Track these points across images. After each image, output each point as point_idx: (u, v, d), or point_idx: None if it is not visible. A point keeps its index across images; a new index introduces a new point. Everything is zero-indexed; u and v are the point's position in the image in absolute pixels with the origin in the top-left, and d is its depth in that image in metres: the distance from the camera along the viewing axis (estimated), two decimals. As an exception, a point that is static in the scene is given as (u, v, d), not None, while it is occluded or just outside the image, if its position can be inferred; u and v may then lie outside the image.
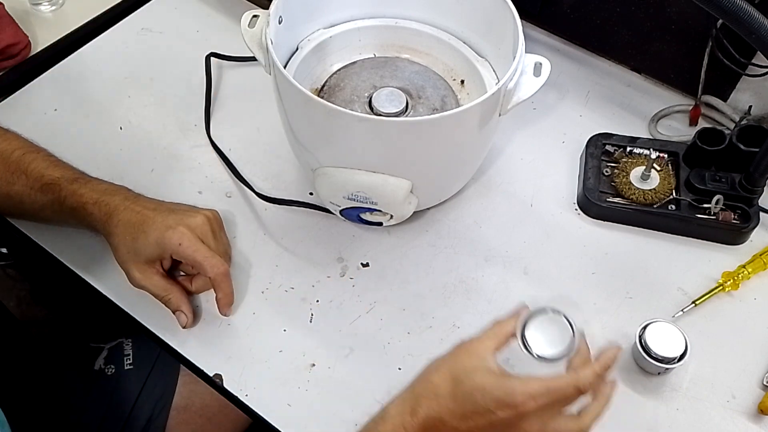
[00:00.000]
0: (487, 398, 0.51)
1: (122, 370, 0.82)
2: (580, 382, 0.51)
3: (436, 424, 0.53)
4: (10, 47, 0.86)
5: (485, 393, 0.51)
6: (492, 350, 0.54)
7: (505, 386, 0.51)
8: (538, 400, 0.50)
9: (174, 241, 0.64)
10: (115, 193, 0.68)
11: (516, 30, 0.66)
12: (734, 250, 0.75)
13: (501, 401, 0.51)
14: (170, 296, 0.66)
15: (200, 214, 0.68)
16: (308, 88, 0.75)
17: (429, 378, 0.55)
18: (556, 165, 0.82)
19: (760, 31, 0.58)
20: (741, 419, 0.64)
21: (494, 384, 0.51)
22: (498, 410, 0.51)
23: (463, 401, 0.52)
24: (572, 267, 0.74)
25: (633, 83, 0.91)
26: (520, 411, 0.50)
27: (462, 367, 0.53)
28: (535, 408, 0.50)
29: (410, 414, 0.53)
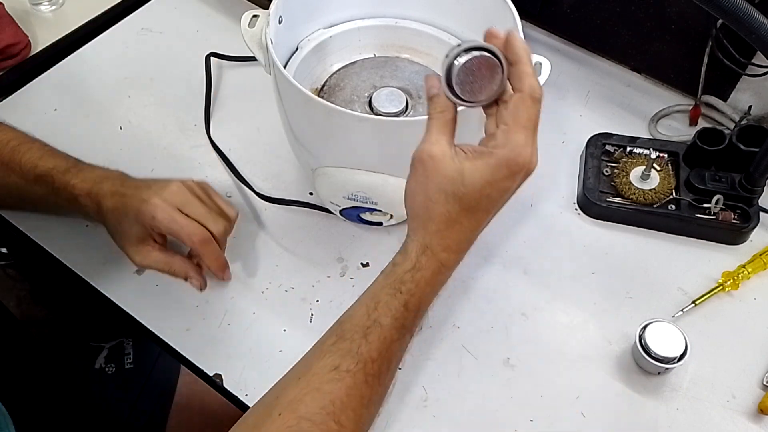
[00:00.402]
0: (497, 184, 0.50)
1: (123, 370, 0.82)
2: (537, 90, 0.50)
3: (469, 238, 0.53)
4: (10, 47, 0.86)
5: (488, 182, 0.50)
6: (451, 144, 0.52)
7: (497, 160, 0.50)
8: (531, 139, 0.50)
9: (148, 215, 0.62)
10: (104, 181, 0.66)
11: (516, 30, 0.66)
12: (734, 250, 0.75)
13: (508, 174, 0.50)
14: (173, 267, 0.66)
15: (174, 182, 0.65)
16: (308, 88, 0.75)
17: (436, 210, 0.52)
18: (556, 165, 0.82)
19: (760, 31, 0.58)
20: (741, 419, 0.64)
21: (489, 166, 0.50)
22: (512, 182, 0.50)
23: (477, 208, 0.51)
24: (572, 267, 0.74)
25: (633, 83, 0.91)
26: (531, 162, 0.50)
27: (449, 180, 0.50)
28: (534, 150, 0.50)
29: (443, 250, 0.52)
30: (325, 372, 0.50)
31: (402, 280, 0.53)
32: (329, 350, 0.52)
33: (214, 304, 0.70)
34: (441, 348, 0.68)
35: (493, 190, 0.50)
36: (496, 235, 0.76)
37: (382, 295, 0.53)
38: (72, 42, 0.91)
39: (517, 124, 0.49)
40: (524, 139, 0.49)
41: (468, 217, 0.51)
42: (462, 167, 0.50)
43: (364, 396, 0.51)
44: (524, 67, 0.50)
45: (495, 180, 0.50)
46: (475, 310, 0.70)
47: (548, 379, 0.66)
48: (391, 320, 0.52)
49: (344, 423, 0.49)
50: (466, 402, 0.64)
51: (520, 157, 0.49)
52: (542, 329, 0.69)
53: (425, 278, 0.52)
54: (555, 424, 0.63)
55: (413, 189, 0.53)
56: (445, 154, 0.50)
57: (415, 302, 0.53)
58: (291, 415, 0.49)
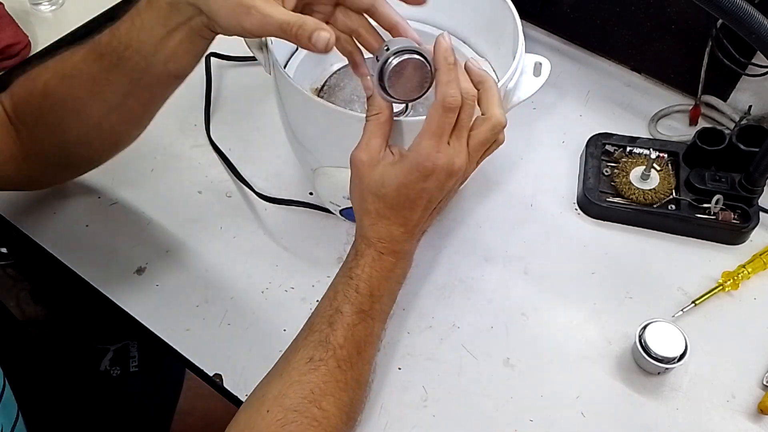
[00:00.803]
0: (410, 186, 0.55)
1: (128, 372, 0.82)
2: (447, 99, 0.53)
3: (401, 232, 0.57)
4: (10, 47, 0.86)
5: (403, 184, 0.55)
6: (381, 147, 0.56)
7: (409, 164, 0.54)
8: (440, 144, 0.53)
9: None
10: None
11: (516, 30, 0.66)
12: (734, 250, 0.75)
13: (419, 176, 0.54)
14: (304, 18, 0.51)
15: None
16: (308, 88, 0.75)
17: (363, 207, 0.58)
18: (556, 165, 0.82)
19: (760, 31, 0.58)
20: (741, 419, 0.64)
21: (402, 170, 0.55)
22: (425, 183, 0.55)
23: (399, 203, 0.56)
24: (572, 267, 0.74)
25: (633, 83, 0.91)
26: (437, 166, 0.54)
27: (373, 183, 0.56)
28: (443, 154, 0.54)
29: (378, 240, 0.58)
30: (301, 364, 0.55)
31: (351, 268, 0.59)
32: (302, 344, 0.57)
33: (214, 304, 0.70)
34: (441, 348, 0.68)
35: (409, 191, 0.55)
36: (496, 235, 0.76)
37: (338, 285, 0.59)
38: (72, 42, 0.91)
39: (426, 131, 0.54)
40: (431, 144, 0.53)
41: (393, 213, 0.57)
42: (383, 171, 0.56)
43: (339, 380, 0.55)
44: (441, 75, 0.54)
45: (408, 182, 0.55)
46: (475, 310, 0.70)
47: (548, 379, 0.66)
48: (348, 306, 0.57)
49: (326, 407, 0.54)
50: (466, 402, 0.64)
51: (428, 161, 0.53)
52: (542, 329, 0.69)
53: (368, 264, 0.58)
54: (555, 424, 0.63)
55: (352, 189, 0.59)
56: (372, 159, 0.56)
57: (365, 286, 0.57)
58: (278, 409, 0.53)
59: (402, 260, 0.59)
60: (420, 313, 0.70)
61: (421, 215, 0.57)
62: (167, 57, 0.58)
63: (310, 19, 0.51)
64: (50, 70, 0.63)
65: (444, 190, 0.56)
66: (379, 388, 0.65)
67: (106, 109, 0.62)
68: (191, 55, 0.59)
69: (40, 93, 0.63)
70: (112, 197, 0.77)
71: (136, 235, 0.74)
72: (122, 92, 0.61)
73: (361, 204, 0.58)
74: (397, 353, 0.67)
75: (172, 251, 0.73)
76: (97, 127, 0.64)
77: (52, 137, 0.65)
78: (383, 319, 0.60)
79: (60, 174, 0.73)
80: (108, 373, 0.81)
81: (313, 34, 0.51)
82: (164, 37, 0.56)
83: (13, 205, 0.76)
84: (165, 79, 0.61)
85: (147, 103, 0.64)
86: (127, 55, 0.58)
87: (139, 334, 0.68)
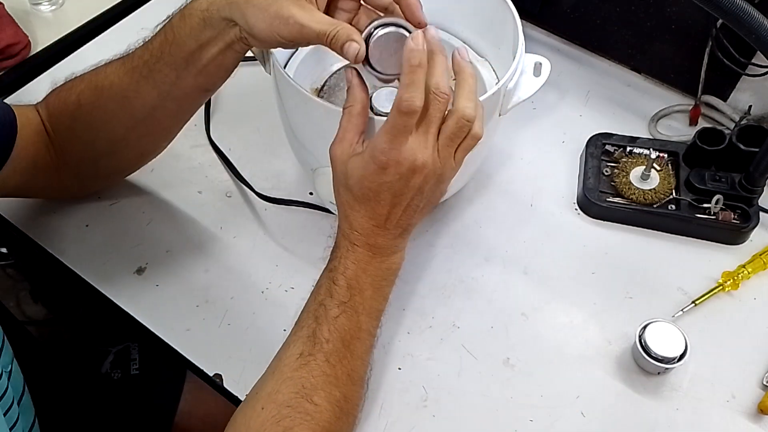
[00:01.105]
0: (370, 178, 0.54)
1: (129, 375, 0.82)
2: (402, 103, 0.51)
3: (371, 224, 0.57)
4: (10, 47, 0.86)
5: (364, 176, 0.55)
6: (353, 140, 0.56)
7: (367, 157, 0.54)
8: (395, 142, 0.53)
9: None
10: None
11: (516, 30, 0.66)
12: (734, 250, 0.75)
13: (376, 169, 0.54)
14: (338, 27, 0.53)
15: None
16: (308, 88, 0.75)
17: (338, 200, 0.58)
18: (556, 165, 0.82)
19: (760, 31, 0.58)
20: (741, 419, 0.64)
21: (363, 163, 0.54)
22: (383, 177, 0.54)
23: (363, 195, 0.56)
24: (572, 267, 0.74)
25: (633, 83, 0.91)
26: (390, 159, 0.53)
27: (342, 176, 0.57)
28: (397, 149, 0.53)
29: (350, 231, 0.58)
30: (292, 360, 0.56)
31: (330, 260, 0.59)
32: (293, 340, 0.57)
33: (214, 304, 0.70)
34: (441, 348, 0.68)
35: (371, 183, 0.55)
36: (496, 235, 0.76)
37: (321, 279, 0.59)
38: (72, 42, 0.91)
39: (383, 127, 0.53)
40: (385, 139, 0.53)
41: (360, 205, 0.56)
42: (350, 163, 0.56)
43: (329, 375, 0.55)
44: (402, 77, 0.52)
45: (367, 174, 0.54)
46: (475, 310, 0.70)
47: (548, 379, 0.66)
48: (329, 299, 0.57)
49: (318, 402, 0.54)
50: (466, 402, 0.64)
51: (381, 155, 0.53)
52: (542, 329, 0.69)
53: (343, 255, 0.58)
54: (555, 424, 0.63)
55: (332, 181, 0.59)
56: (343, 153, 0.56)
57: (342, 278, 0.57)
58: (272, 405, 0.54)
59: (379, 255, 0.58)
60: (420, 313, 0.70)
61: (390, 210, 0.56)
62: (198, 71, 0.59)
63: (343, 29, 0.53)
64: (85, 81, 0.64)
65: (412, 186, 0.55)
66: (379, 388, 0.65)
67: (133, 121, 0.63)
68: (222, 70, 0.60)
69: (74, 103, 0.64)
70: (112, 197, 0.77)
71: (136, 235, 0.74)
72: (151, 105, 0.62)
73: (336, 196, 0.59)
74: (397, 353, 0.67)
75: (172, 251, 0.73)
76: (124, 139, 0.65)
77: (83, 147, 0.66)
78: (372, 314, 0.59)
79: (90, 184, 0.74)
80: (109, 376, 0.81)
81: (345, 45, 0.53)
82: (196, 51, 0.57)
83: (13, 205, 0.75)
84: (194, 93, 0.62)
85: (174, 116, 0.65)
86: (158, 67, 0.59)
87: (140, 335, 0.68)
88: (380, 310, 0.61)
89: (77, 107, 0.64)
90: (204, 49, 0.57)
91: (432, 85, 0.53)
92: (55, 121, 0.66)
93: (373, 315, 0.60)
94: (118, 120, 0.63)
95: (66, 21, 0.93)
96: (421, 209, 0.58)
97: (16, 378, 0.57)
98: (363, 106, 0.56)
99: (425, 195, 0.56)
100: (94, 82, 0.63)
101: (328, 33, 0.53)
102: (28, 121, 0.65)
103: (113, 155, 0.68)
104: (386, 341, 0.68)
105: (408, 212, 0.57)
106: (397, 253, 0.60)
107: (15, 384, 0.57)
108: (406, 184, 0.54)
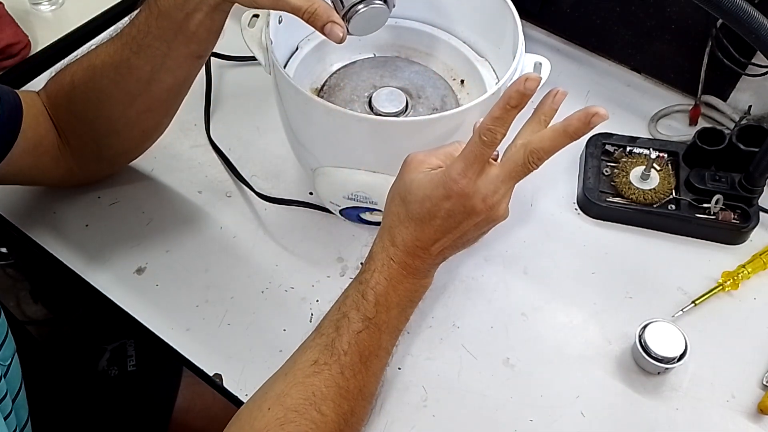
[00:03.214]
0: (433, 200, 0.53)
1: (125, 372, 0.82)
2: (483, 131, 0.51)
3: (416, 245, 0.56)
4: (10, 47, 0.86)
5: (427, 196, 0.54)
6: (432, 165, 0.55)
7: (438, 179, 0.53)
8: (469, 171, 0.52)
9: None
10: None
11: (516, 30, 0.66)
12: (734, 250, 0.75)
13: (443, 194, 0.53)
14: (315, 6, 0.54)
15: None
16: (308, 88, 0.75)
17: (389, 209, 0.57)
18: (556, 165, 0.82)
19: (760, 31, 0.58)
20: (741, 419, 0.64)
21: (430, 184, 0.53)
22: (448, 204, 0.53)
23: (419, 215, 0.54)
24: (572, 267, 0.74)
25: (633, 83, 0.91)
26: (466, 192, 0.52)
27: (404, 186, 0.55)
28: (470, 180, 0.52)
29: (391, 245, 0.56)
30: (306, 366, 0.55)
31: (362, 272, 0.58)
32: (309, 346, 0.56)
33: (214, 304, 0.70)
34: (441, 348, 0.68)
35: (431, 206, 0.54)
36: (496, 235, 0.76)
37: (350, 289, 0.58)
38: (72, 42, 0.91)
39: (462, 155, 0.52)
40: (461, 167, 0.52)
41: (413, 223, 0.55)
42: (416, 178, 0.55)
43: (341, 387, 0.54)
44: (494, 108, 0.51)
45: (432, 195, 0.53)
46: (475, 310, 0.70)
47: (548, 379, 0.66)
48: (355, 312, 0.56)
49: (325, 412, 0.53)
50: (466, 402, 0.64)
51: (453, 183, 0.52)
52: (542, 329, 0.69)
53: (378, 269, 0.57)
54: (555, 424, 0.63)
55: (391, 185, 0.58)
56: (421, 162, 0.55)
57: (372, 293, 0.56)
58: (279, 407, 0.53)
59: (413, 277, 0.58)
60: (420, 313, 0.70)
61: (440, 235, 0.55)
62: (188, 38, 0.59)
63: (321, 8, 0.53)
64: (78, 63, 0.65)
65: (471, 221, 0.54)
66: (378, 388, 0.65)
67: (129, 97, 0.63)
68: (212, 33, 0.60)
69: (69, 84, 0.65)
70: (112, 197, 0.77)
71: (136, 235, 0.74)
72: (145, 79, 0.62)
73: (389, 204, 0.57)
74: (397, 353, 0.67)
75: (172, 251, 0.73)
76: (123, 117, 0.65)
77: (83, 128, 0.66)
78: (393, 333, 0.59)
79: (96, 168, 0.74)
80: (106, 373, 0.81)
81: (326, 26, 0.53)
82: (183, 20, 0.57)
83: (13, 205, 0.76)
84: (187, 61, 0.62)
85: (170, 88, 0.65)
86: (147, 41, 0.59)
87: (136, 332, 0.68)
88: (401, 330, 0.60)
89: (72, 88, 0.64)
90: (191, 17, 0.57)
91: (532, 146, 0.52)
92: (53, 103, 0.66)
93: (394, 334, 0.59)
94: (114, 98, 0.63)
95: (66, 21, 0.93)
96: (466, 244, 0.58)
97: (13, 373, 0.57)
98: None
99: (476, 235, 0.56)
100: (86, 63, 0.64)
101: (303, 9, 0.53)
102: (33, 103, 0.66)
103: (114, 135, 0.67)
104: (386, 341, 0.68)
105: (456, 244, 0.56)
106: (428, 278, 0.60)
107: (12, 380, 0.57)
108: (466, 217, 0.54)
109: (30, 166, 0.66)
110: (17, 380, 0.58)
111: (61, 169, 0.70)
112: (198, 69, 0.65)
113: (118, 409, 0.80)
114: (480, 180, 0.53)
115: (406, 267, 0.57)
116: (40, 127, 0.66)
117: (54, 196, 0.76)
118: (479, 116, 0.64)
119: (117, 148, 0.71)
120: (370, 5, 0.56)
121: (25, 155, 0.64)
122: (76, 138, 0.67)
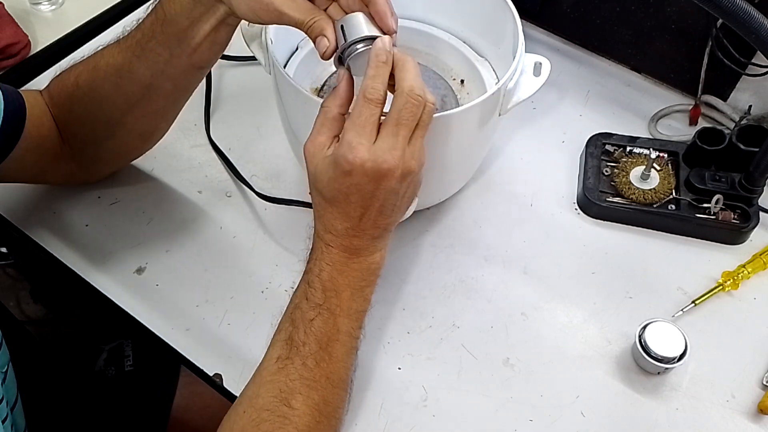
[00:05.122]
0: (338, 180, 0.53)
1: (123, 372, 0.82)
2: (368, 90, 0.51)
3: (345, 226, 0.55)
4: (10, 47, 0.86)
5: (332, 178, 0.53)
6: (325, 145, 0.54)
7: (334, 158, 0.52)
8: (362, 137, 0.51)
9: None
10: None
11: (516, 30, 0.66)
12: (734, 250, 0.75)
13: (343, 172, 0.52)
14: (315, 18, 0.54)
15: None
16: (308, 88, 0.75)
17: (313, 201, 0.57)
18: (556, 165, 0.82)
19: (760, 31, 0.58)
20: (741, 419, 0.64)
21: (330, 165, 0.53)
22: (352, 179, 0.52)
23: (333, 198, 0.54)
24: (572, 267, 0.74)
25: (633, 83, 0.91)
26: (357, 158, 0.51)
27: (312, 176, 0.55)
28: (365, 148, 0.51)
29: (325, 232, 0.56)
30: (270, 364, 0.56)
31: (307, 262, 0.58)
32: (273, 344, 0.57)
33: (214, 304, 0.70)
34: (441, 348, 0.68)
35: (339, 185, 0.53)
36: (496, 235, 0.76)
37: (299, 282, 0.59)
38: (72, 42, 0.91)
39: (350, 122, 0.52)
40: (353, 137, 0.51)
41: (332, 207, 0.55)
42: (319, 165, 0.54)
43: (306, 378, 0.55)
44: (368, 70, 0.52)
45: (336, 176, 0.53)
46: (474, 310, 0.70)
47: (548, 379, 0.66)
48: (305, 301, 0.56)
49: (295, 406, 0.54)
50: (466, 402, 0.64)
51: (350, 155, 0.51)
52: (542, 329, 0.69)
53: (318, 257, 0.57)
54: (555, 424, 0.63)
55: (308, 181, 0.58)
56: (315, 152, 0.54)
57: (316, 279, 0.56)
58: (252, 409, 0.54)
59: (357, 256, 0.57)
60: (420, 313, 0.70)
61: (362, 209, 0.54)
62: (192, 48, 0.59)
63: (319, 21, 0.54)
64: (84, 64, 0.65)
65: (383, 188, 0.53)
66: (378, 388, 0.65)
67: (128, 103, 0.63)
68: (216, 46, 0.60)
69: (73, 84, 0.65)
70: (112, 197, 0.77)
71: (136, 235, 0.74)
72: (145, 85, 0.62)
73: (312, 197, 0.57)
74: (398, 353, 0.67)
75: (172, 251, 0.73)
76: (120, 122, 0.65)
77: (83, 130, 0.67)
78: (351, 316, 0.58)
79: (95, 168, 0.74)
80: (104, 373, 0.81)
81: (317, 38, 0.54)
82: (188, 28, 0.58)
83: (13, 205, 0.76)
84: (188, 71, 0.62)
85: (169, 96, 0.65)
86: (150, 46, 0.59)
87: (133, 331, 0.68)
88: (361, 311, 0.59)
89: (75, 88, 0.65)
90: (196, 26, 0.58)
91: (406, 87, 0.51)
92: (56, 103, 0.67)
93: (353, 316, 0.58)
94: (114, 102, 0.64)
95: (66, 21, 0.93)
96: (399, 207, 0.56)
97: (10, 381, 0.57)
98: (342, 108, 0.55)
99: (401, 194, 0.55)
100: (91, 64, 0.64)
101: (305, 22, 0.54)
102: (35, 102, 0.66)
103: (113, 138, 0.68)
104: (386, 341, 0.68)
105: (384, 213, 0.55)
106: (375, 253, 0.58)
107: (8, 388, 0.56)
108: (376, 187, 0.52)
109: (32, 164, 0.67)
110: (14, 388, 0.58)
111: (63, 168, 0.70)
112: (199, 80, 0.65)
113: (115, 410, 0.80)
114: (377, 142, 0.52)
115: (346, 249, 0.56)
116: (43, 126, 0.66)
117: (54, 195, 0.76)
118: (479, 116, 0.64)
119: (115, 150, 0.71)
120: (365, 46, 0.54)
121: (28, 154, 0.64)
122: (76, 138, 0.68)
